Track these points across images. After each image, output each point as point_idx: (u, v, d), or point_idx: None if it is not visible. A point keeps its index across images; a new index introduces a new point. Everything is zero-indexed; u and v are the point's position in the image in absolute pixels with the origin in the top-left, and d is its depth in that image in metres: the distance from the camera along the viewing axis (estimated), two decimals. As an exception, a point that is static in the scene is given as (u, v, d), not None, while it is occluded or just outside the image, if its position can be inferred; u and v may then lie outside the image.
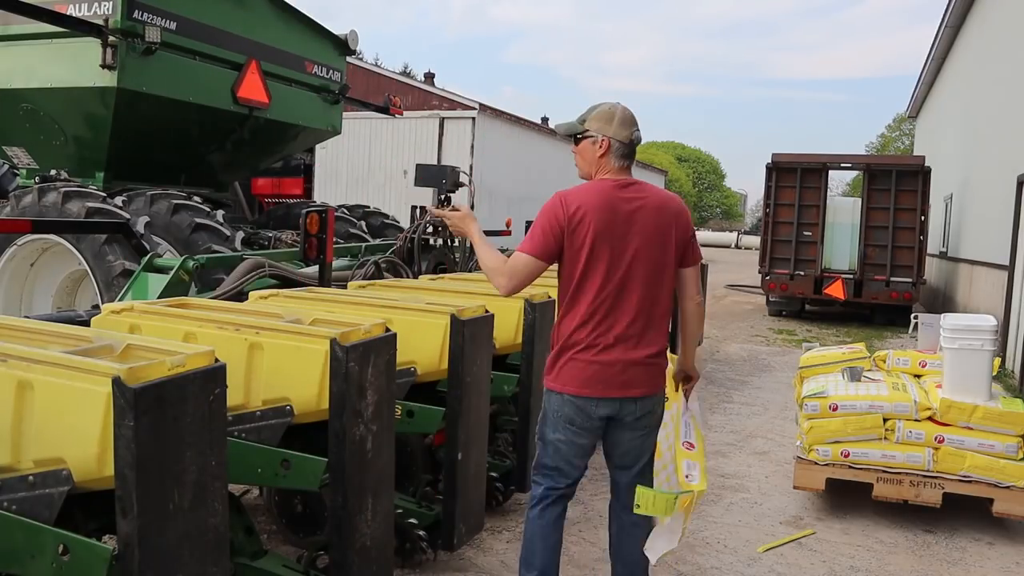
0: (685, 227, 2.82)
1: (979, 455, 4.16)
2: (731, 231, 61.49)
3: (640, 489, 2.69)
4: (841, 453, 4.37)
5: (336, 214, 6.28)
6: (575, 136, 2.86)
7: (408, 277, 5.40)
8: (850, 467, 4.36)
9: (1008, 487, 4.11)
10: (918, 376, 4.85)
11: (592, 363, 2.70)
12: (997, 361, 4.48)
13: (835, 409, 4.40)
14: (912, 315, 5.67)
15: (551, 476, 2.85)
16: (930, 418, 4.29)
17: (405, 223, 7.00)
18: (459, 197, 6.97)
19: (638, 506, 2.66)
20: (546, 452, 2.84)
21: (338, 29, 7.68)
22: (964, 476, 4.17)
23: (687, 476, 2.83)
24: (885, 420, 4.35)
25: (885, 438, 4.31)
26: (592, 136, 2.80)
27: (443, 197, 6.34)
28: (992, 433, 4.17)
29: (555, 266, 2.77)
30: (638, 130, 2.84)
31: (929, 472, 4.22)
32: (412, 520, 3.33)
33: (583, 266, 2.69)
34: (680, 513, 2.71)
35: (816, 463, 4.40)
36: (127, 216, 5.16)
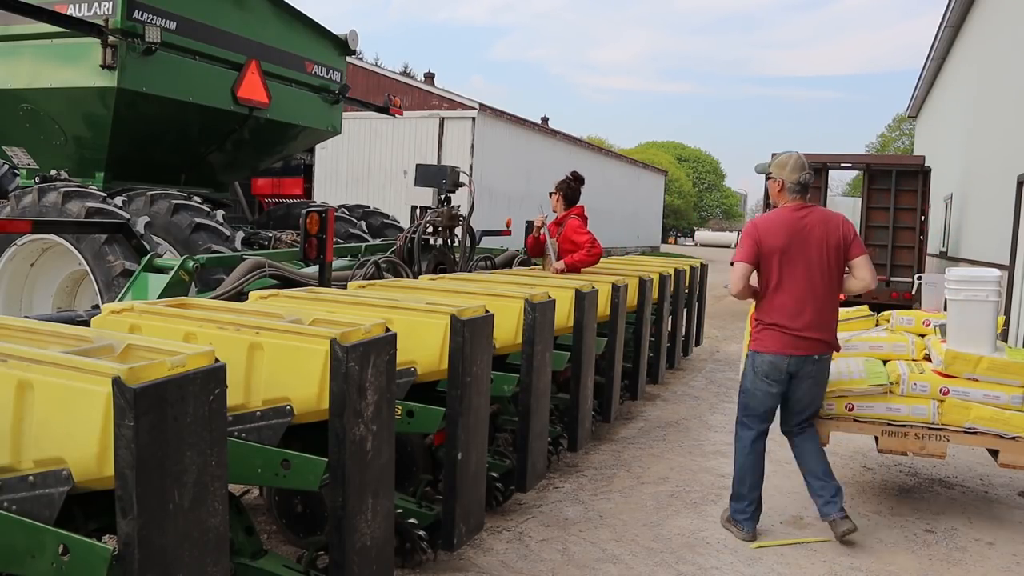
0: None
1: (984, 406, 4.12)
2: (731, 231, 61.50)
3: None
4: (846, 407, 4.32)
5: (336, 214, 6.29)
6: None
7: (408, 277, 5.40)
8: (855, 420, 4.32)
9: (1013, 438, 4.07)
10: (922, 336, 4.81)
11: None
12: (1001, 320, 4.48)
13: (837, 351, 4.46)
14: (916, 275, 5.71)
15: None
16: (934, 369, 4.30)
17: (405, 223, 7.01)
18: (459, 197, 6.97)
19: None
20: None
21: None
22: (969, 428, 4.12)
23: None
24: (885, 362, 4.41)
25: (890, 391, 4.28)
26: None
27: (443, 197, 6.34)
28: (997, 384, 4.13)
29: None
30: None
31: (934, 424, 4.18)
32: (412, 520, 3.33)
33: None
34: None
35: (820, 417, 4.35)
36: (127, 216, 5.16)
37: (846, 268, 3.98)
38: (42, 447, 1.91)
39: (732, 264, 3.99)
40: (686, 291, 7.97)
